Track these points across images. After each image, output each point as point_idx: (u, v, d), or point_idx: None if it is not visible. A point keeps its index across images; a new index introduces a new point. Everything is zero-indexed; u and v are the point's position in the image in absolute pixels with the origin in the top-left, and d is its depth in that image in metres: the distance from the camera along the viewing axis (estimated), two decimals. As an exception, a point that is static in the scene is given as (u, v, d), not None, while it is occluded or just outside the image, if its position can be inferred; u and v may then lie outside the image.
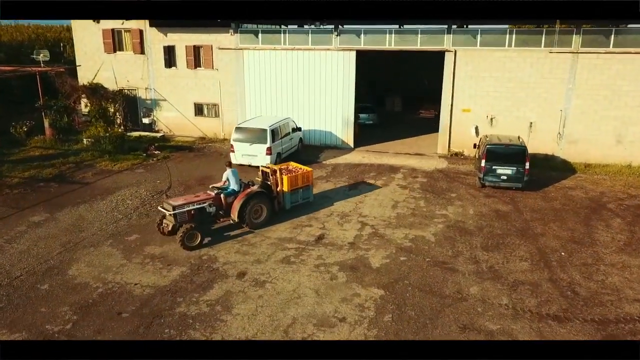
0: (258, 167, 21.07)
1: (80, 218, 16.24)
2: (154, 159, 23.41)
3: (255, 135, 21.30)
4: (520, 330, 10.04)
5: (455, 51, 23.13)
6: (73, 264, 13.20)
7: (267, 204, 15.72)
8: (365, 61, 26.32)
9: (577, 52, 21.60)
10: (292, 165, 17.71)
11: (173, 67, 27.77)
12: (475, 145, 21.45)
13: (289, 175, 16.47)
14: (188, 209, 14.29)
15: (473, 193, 18.98)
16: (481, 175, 18.81)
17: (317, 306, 11.21)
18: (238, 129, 21.70)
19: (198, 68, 27.37)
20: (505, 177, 18.59)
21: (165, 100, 28.36)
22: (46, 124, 25.58)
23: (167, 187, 19.29)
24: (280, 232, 15.39)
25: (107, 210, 16.92)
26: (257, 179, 16.66)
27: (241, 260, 13.53)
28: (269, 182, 16.33)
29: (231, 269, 13.02)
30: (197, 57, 27.25)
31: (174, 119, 28.47)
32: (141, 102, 28.88)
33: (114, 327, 10.26)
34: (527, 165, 18.40)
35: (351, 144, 25.87)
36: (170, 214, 14.16)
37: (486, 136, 20.23)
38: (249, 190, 15.30)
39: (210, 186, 15.93)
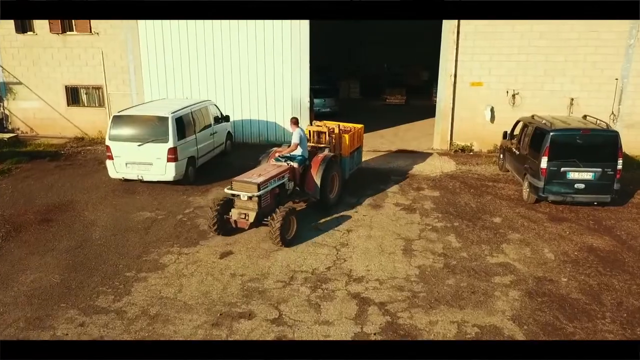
0: (152, 182, 12.56)
1: None
2: (-18, 174, 13.96)
3: (149, 129, 12.44)
4: None
5: (459, -6, 15.32)
6: None
7: (340, 173, 11.78)
8: (312, 39, 17.52)
9: (642, -10, 14.39)
10: (330, 124, 12.83)
11: (29, 33, 18.19)
12: (506, 135, 13.69)
13: (349, 134, 12.49)
14: (272, 186, 9.95)
15: (526, 214, 11.15)
16: (541, 184, 10.99)
17: None
18: (118, 119, 12.68)
19: (68, 32, 17.98)
20: (582, 186, 10.88)
21: (20, 83, 18.71)
22: None
23: (-27, 232, 10.17)
24: (185, 326, 6.78)
25: None
26: (285, 145, 11.95)
27: None
28: (322, 145, 11.99)
29: None
30: (65, 15, 17.90)
31: (36, 111, 18.88)
32: (-16, 88, 19.09)
33: None
34: (620, 163, 10.80)
35: (306, 140, 17.47)
36: (251, 197, 9.52)
37: (533, 117, 12.47)
38: (322, 155, 11.22)
39: (276, 155, 11.12)
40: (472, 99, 16.14)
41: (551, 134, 10.81)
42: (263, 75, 17.04)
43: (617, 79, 15.22)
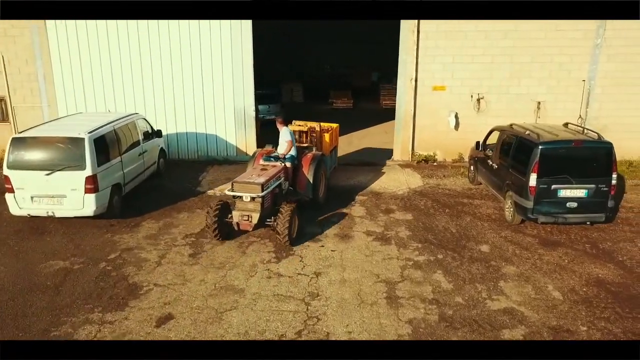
0: (67, 218, 10.25)
1: None
2: None
3: (60, 154, 10.02)
4: None
5: (418, -9, 13.86)
6: None
7: (326, 172, 11.72)
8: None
9: (608, -14, 13.53)
10: (310, 123, 12.72)
11: None
12: (478, 145, 12.34)
13: (329, 132, 12.76)
14: (273, 186, 9.64)
15: (514, 239, 9.79)
16: (530, 204, 9.65)
17: None
18: (19, 142, 10.13)
19: (-41, 34, 15.00)
20: (574, 205, 9.63)
21: None
22: None
23: None
24: None
25: None
26: (269, 146, 11.51)
27: None
28: (305, 145, 11.98)
29: None
30: (-45, 13, 14.88)
31: None
32: None
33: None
34: (614, 177, 9.65)
35: (253, 155, 15.48)
36: (254, 198, 9.13)
37: (512, 126, 11.18)
38: (311, 154, 11.09)
39: (265, 156, 10.89)
40: (435, 104, 14.77)
41: (540, 147, 9.48)
42: (200, 82, 14.84)
43: (584, 81, 14.34)
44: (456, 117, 14.67)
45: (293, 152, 10.78)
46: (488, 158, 11.75)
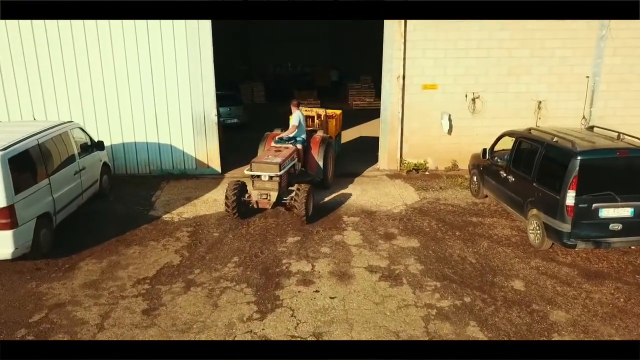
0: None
1: None
2: None
3: (-40, 180, 7.55)
4: None
5: (405, -25, 11.99)
6: None
7: (333, 155, 12.10)
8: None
9: (615, -28, 12.10)
10: (316, 110, 13.69)
11: None
12: (485, 153, 10.55)
13: (334, 118, 13.35)
14: (289, 166, 10.11)
15: (549, 270, 8.03)
16: (567, 228, 7.90)
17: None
18: None
19: None
20: (619, 227, 7.96)
21: None
22: None
23: None
24: None
25: None
26: (278, 129, 11.76)
27: None
28: (311, 129, 12.10)
29: None
30: None
31: None
32: None
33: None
34: (663, 193, 8.05)
35: (216, 167, 13.16)
36: (272, 177, 9.54)
37: (530, 131, 9.44)
38: (319, 137, 11.45)
39: (276, 138, 11.11)
40: (425, 105, 12.95)
41: (580, 158, 7.75)
42: (150, 84, 12.36)
43: (587, 77, 12.89)
44: (449, 119, 12.91)
45: (303, 134, 11.01)
46: (499, 168, 9.99)
